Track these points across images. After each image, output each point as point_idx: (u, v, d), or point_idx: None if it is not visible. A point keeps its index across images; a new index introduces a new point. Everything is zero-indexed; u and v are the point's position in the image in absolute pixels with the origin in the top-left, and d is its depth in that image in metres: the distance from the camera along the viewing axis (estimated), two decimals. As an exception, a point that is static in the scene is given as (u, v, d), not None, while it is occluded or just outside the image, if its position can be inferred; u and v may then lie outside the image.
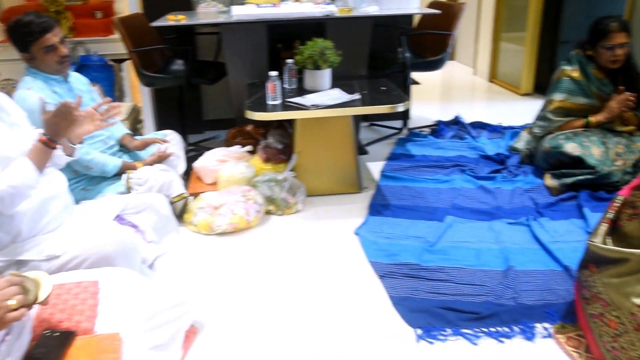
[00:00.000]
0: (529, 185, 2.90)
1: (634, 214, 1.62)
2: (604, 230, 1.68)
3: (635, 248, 1.57)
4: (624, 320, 1.51)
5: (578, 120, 2.98)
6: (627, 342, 1.49)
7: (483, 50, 5.85)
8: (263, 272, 2.20)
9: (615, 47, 2.84)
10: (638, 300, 1.49)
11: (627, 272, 1.55)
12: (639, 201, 1.61)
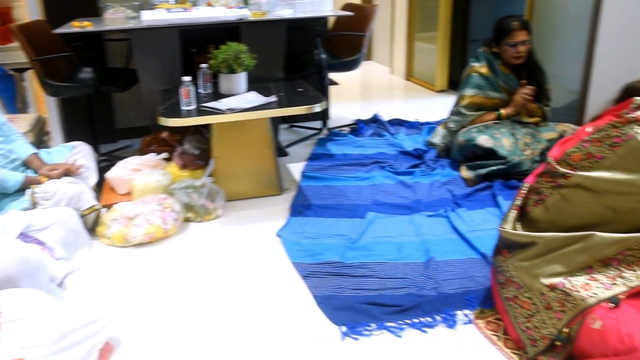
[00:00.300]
0: (446, 178, 2.99)
1: (539, 199, 1.70)
2: (513, 216, 1.75)
3: (542, 232, 1.65)
4: (535, 300, 1.58)
5: (490, 114, 3.11)
6: (539, 321, 1.56)
7: (399, 50, 6.00)
8: (183, 281, 2.14)
9: (517, 44, 3.00)
10: (546, 280, 1.57)
11: (535, 255, 1.62)
12: (543, 187, 1.69)
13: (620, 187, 1.53)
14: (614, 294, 1.47)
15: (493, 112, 3.11)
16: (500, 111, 3.10)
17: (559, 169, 1.65)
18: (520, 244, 1.68)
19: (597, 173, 1.58)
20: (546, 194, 1.68)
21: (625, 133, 1.56)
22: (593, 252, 1.54)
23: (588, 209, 1.59)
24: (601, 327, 1.43)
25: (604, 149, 1.59)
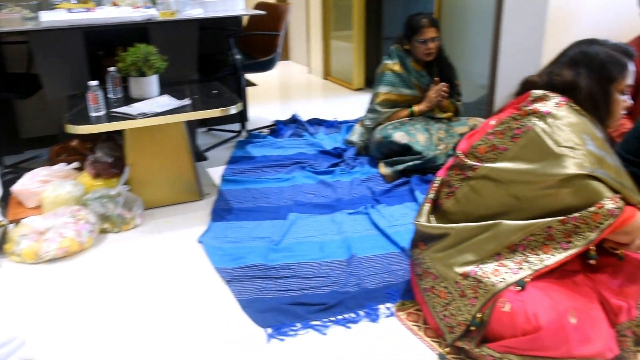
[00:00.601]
0: (365, 175, 3.08)
1: (450, 192, 1.79)
2: (426, 209, 1.84)
3: (454, 223, 1.75)
4: (450, 289, 1.68)
5: (403, 111, 3.23)
6: (455, 309, 1.65)
7: (315, 49, 6.08)
8: (103, 295, 2.09)
9: (427, 41, 3.13)
10: (460, 269, 1.67)
11: (449, 245, 1.72)
12: (453, 180, 1.79)
13: (523, 177, 1.65)
14: (520, 278, 1.59)
15: (406, 109, 3.23)
16: (413, 108, 3.22)
17: (466, 161, 1.75)
18: (435, 235, 1.77)
19: (501, 164, 1.69)
20: (456, 186, 1.78)
21: (525, 125, 1.68)
22: (500, 239, 1.65)
23: (495, 198, 1.69)
24: (510, 309, 1.54)
25: (506, 140, 1.70)
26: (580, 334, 1.51)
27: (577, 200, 1.59)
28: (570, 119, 1.65)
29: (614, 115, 1.75)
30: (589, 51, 1.72)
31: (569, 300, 1.57)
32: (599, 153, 1.62)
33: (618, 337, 1.61)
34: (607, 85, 1.71)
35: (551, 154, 1.61)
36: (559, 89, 1.72)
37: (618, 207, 1.55)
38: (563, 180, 1.58)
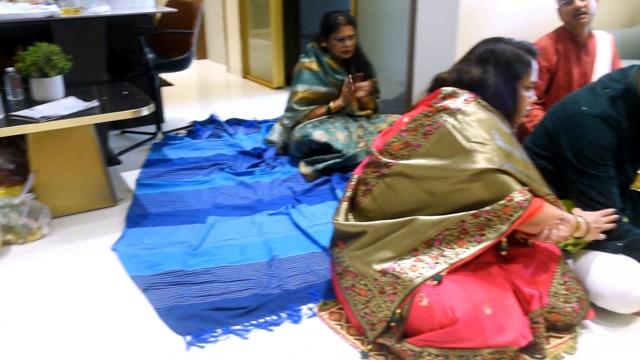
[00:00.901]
0: (286, 175, 3.07)
1: (367, 189, 1.82)
2: (344, 208, 1.86)
3: (372, 220, 1.77)
4: (370, 287, 1.70)
5: (321, 108, 3.26)
6: (375, 306, 1.68)
7: (233, 47, 6.02)
8: (10, 311, 1.96)
9: (344, 38, 3.17)
10: (378, 266, 1.69)
11: (367, 243, 1.74)
12: (369, 178, 1.82)
13: (436, 172, 1.69)
14: (437, 272, 1.63)
15: (324, 106, 3.25)
16: (330, 104, 3.25)
17: (381, 159, 1.78)
18: (353, 234, 1.79)
19: (415, 160, 1.73)
20: (372, 183, 1.80)
21: (436, 121, 1.73)
22: (417, 235, 1.69)
23: (410, 194, 1.73)
24: (427, 303, 1.58)
25: (419, 137, 1.74)
26: (495, 324, 1.56)
27: (488, 194, 1.65)
28: (479, 115, 1.71)
29: (520, 111, 1.83)
30: (495, 49, 1.79)
31: (483, 292, 1.63)
32: (507, 148, 1.70)
33: (531, 324, 1.68)
34: (513, 82, 1.78)
35: (462, 150, 1.67)
36: (467, 85, 1.78)
37: (526, 199, 1.62)
38: (474, 175, 1.64)
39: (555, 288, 1.77)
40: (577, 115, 1.93)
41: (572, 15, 2.88)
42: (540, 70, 3.00)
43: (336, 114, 3.28)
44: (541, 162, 2.06)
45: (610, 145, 1.89)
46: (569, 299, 1.77)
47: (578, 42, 2.99)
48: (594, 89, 1.98)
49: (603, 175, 1.90)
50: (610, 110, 1.90)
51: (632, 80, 1.92)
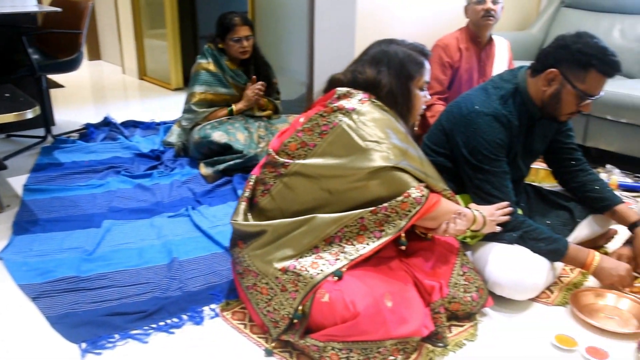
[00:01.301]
0: (185, 177, 3.03)
1: (265, 189, 1.83)
2: (243, 208, 1.85)
3: (271, 220, 1.79)
4: (272, 285, 1.71)
5: (222, 110, 3.24)
6: (278, 304, 1.69)
7: (128, 48, 5.83)
8: None
9: (241, 39, 3.17)
10: (279, 264, 1.71)
11: (267, 242, 1.75)
12: (267, 178, 1.83)
13: (333, 171, 1.73)
14: (337, 268, 1.67)
15: (225, 108, 3.24)
16: (232, 107, 3.24)
17: (278, 159, 1.80)
18: (252, 233, 1.79)
19: (311, 160, 1.76)
20: (271, 183, 1.82)
21: (332, 121, 1.77)
22: (316, 232, 1.72)
23: (308, 193, 1.76)
24: (329, 299, 1.61)
25: (315, 137, 1.78)
26: (397, 316, 1.62)
27: (385, 191, 1.71)
28: (374, 114, 1.77)
29: (414, 110, 1.90)
30: (388, 50, 1.85)
31: (384, 285, 1.68)
32: (403, 146, 1.76)
33: (432, 314, 1.76)
34: (406, 82, 1.84)
35: (358, 149, 1.72)
36: (362, 86, 1.83)
37: (423, 195, 1.70)
38: (371, 173, 1.69)
39: (455, 279, 1.86)
40: (470, 113, 2.04)
41: (481, 15, 3.05)
42: (444, 66, 3.16)
43: (236, 115, 3.27)
44: (439, 159, 2.17)
45: (502, 142, 2.01)
46: (468, 289, 1.86)
47: (480, 44, 3.17)
48: (485, 89, 2.10)
49: (497, 170, 2.02)
50: (501, 108, 2.02)
51: (521, 80, 2.06)
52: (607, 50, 1.89)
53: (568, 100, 1.97)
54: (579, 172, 2.30)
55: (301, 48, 3.97)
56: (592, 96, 1.95)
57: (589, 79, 1.91)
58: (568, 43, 1.93)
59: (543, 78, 1.98)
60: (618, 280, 1.98)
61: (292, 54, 4.27)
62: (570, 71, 1.93)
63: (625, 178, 3.24)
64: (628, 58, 3.71)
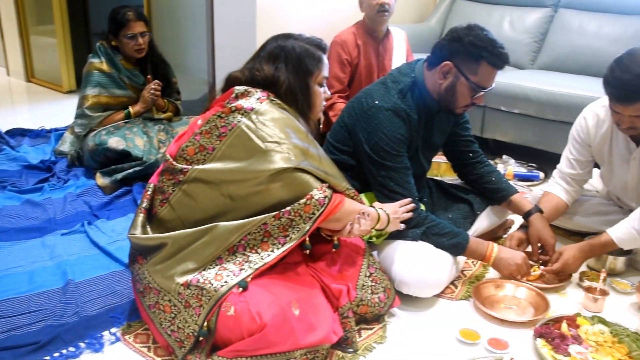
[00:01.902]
0: (80, 189, 2.88)
1: (164, 198, 1.77)
2: (141, 220, 1.79)
3: (172, 231, 1.73)
4: (175, 302, 1.66)
5: (118, 114, 3.10)
6: (182, 322, 1.64)
7: (12, 46, 5.46)
8: None
9: (136, 35, 3.03)
10: (181, 279, 1.66)
11: (167, 255, 1.70)
12: (165, 186, 1.77)
13: (233, 175, 1.70)
14: (242, 278, 1.64)
15: (121, 112, 3.10)
16: (129, 109, 3.11)
17: (176, 165, 1.75)
18: (152, 247, 1.73)
19: (211, 165, 1.72)
20: (169, 192, 1.76)
21: (230, 123, 1.73)
22: (219, 242, 1.68)
23: (209, 200, 1.72)
24: (234, 312, 1.58)
25: (213, 140, 1.73)
26: (305, 324, 1.61)
27: (288, 194, 1.69)
28: (273, 114, 1.75)
29: (314, 107, 1.89)
30: (285, 46, 1.83)
31: (291, 293, 1.68)
32: (304, 145, 1.76)
33: (341, 319, 1.76)
34: (305, 78, 1.83)
35: (258, 150, 1.69)
36: (260, 84, 1.81)
37: (326, 196, 1.70)
38: (272, 175, 1.68)
39: (363, 281, 1.88)
40: (371, 109, 2.06)
41: (375, 10, 3.09)
42: (342, 63, 3.18)
43: (134, 118, 3.14)
44: (342, 157, 2.18)
45: (402, 137, 2.05)
46: (376, 290, 1.89)
47: (377, 38, 3.22)
48: (385, 83, 2.13)
49: (399, 166, 2.06)
50: (400, 103, 2.05)
51: (418, 74, 2.11)
52: (496, 43, 1.97)
53: (463, 93, 2.03)
54: (477, 164, 2.40)
55: (201, 45, 3.88)
56: (485, 88, 2.02)
57: (481, 71, 1.98)
58: (460, 36, 1.99)
59: (439, 71, 2.03)
60: (516, 269, 2.08)
61: (192, 51, 4.16)
62: (463, 63, 1.99)
63: (520, 168, 3.42)
64: (518, 49, 3.91)
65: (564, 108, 3.15)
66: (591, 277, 2.18)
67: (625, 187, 2.30)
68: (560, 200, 2.35)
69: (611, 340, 1.80)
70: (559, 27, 3.86)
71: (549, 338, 1.80)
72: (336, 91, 3.15)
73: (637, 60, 1.90)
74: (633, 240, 2.11)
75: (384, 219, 1.92)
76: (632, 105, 1.92)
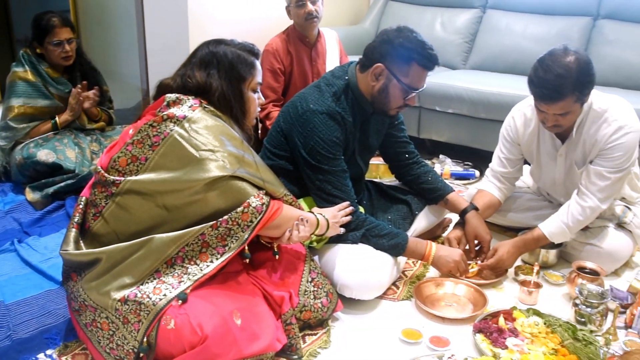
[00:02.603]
0: (9, 205, 2.79)
1: (97, 212, 1.73)
2: (73, 235, 1.74)
3: (107, 246, 1.69)
4: (112, 318, 1.63)
5: (45, 124, 3.00)
6: (121, 338, 1.61)
7: None
8: None
9: (62, 42, 2.94)
10: (117, 294, 1.62)
11: (102, 271, 1.66)
12: (98, 199, 1.73)
13: (167, 186, 1.68)
14: (181, 291, 1.63)
15: (48, 122, 3.00)
16: (55, 119, 3.01)
17: (108, 177, 1.71)
18: (86, 263, 1.69)
19: (144, 175, 1.69)
20: (102, 205, 1.72)
21: (162, 131, 1.71)
22: (156, 255, 1.66)
23: (144, 212, 1.69)
24: (175, 325, 1.57)
25: (146, 150, 1.71)
26: (247, 333, 1.62)
27: (225, 203, 1.69)
28: (206, 121, 1.73)
29: (248, 113, 1.89)
30: (217, 52, 1.82)
31: (232, 302, 1.67)
32: (239, 153, 1.75)
33: (284, 326, 1.78)
34: (238, 84, 1.83)
35: (193, 159, 1.68)
36: (193, 91, 1.79)
37: (264, 203, 1.71)
38: (208, 184, 1.67)
39: (305, 286, 1.90)
40: (306, 113, 2.08)
41: (304, 18, 3.11)
42: (275, 72, 3.19)
43: (64, 129, 3.04)
44: (280, 162, 2.19)
45: (338, 140, 2.08)
46: (318, 295, 1.91)
47: (308, 43, 3.24)
48: (319, 86, 2.15)
49: (336, 169, 2.09)
50: (335, 106, 2.08)
51: (351, 76, 2.14)
52: (425, 44, 2.03)
53: (395, 94, 2.08)
54: (413, 165, 2.46)
55: (133, 50, 3.81)
56: (416, 89, 2.08)
57: (412, 73, 2.04)
58: (391, 38, 2.03)
59: (371, 73, 2.07)
60: (454, 266, 2.15)
61: (123, 57, 4.08)
62: (394, 65, 2.04)
63: (457, 167, 3.53)
64: (450, 50, 4.04)
65: (495, 107, 3.27)
66: (526, 271, 2.28)
67: (553, 183, 2.42)
68: (493, 197, 2.44)
69: (545, 330, 1.89)
70: (488, 28, 4.01)
71: (487, 332, 1.87)
72: (271, 101, 3.16)
73: (558, 60, 2.00)
74: (563, 233, 2.22)
75: (323, 224, 1.94)
76: (555, 103, 2.02)
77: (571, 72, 1.98)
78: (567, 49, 2.04)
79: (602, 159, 2.16)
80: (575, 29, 3.68)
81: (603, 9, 3.67)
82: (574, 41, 3.62)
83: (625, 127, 2.11)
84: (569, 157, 2.28)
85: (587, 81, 2.02)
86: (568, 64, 1.99)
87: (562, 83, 1.98)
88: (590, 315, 1.94)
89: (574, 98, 2.02)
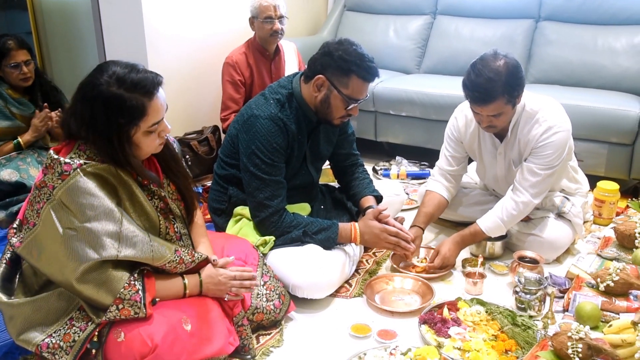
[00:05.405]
0: (-26, 226, 2.76)
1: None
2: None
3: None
4: None
5: (7, 144, 2.97)
6: None
7: None
8: None
9: (19, 64, 2.93)
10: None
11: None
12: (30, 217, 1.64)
13: (48, 270, 1.61)
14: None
15: (10, 142, 2.99)
16: (18, 139, 3.00)
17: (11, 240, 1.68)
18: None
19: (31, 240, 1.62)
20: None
21: (41, 200, 1.60)
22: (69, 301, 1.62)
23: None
24: (124, 337, 1.55)
25: (34, 215, 1.62)
26: (198, 338, 1.62)
27: (101, 295, 1.58)
28: (77, 197, 1.55)
29: (139, 157, 1.69)
30: (95, 98, 1.56)
31: (182, 309, 1.66)
32: (114, 229, 1.57)
33: (236, 328, 1.78)
34: (120, 134, 1.59)
35: (62, 245, 1.56)
36: (75, 138, 1.64)
37: (137, 290, 1.59)
38: (78, 281, 1.55)
39: (257, 290, 1.90)
40: (250, 118, 2.10)
41: (268, 34, 3.16)
42: (236, 84, 3.23)
43: (27, 148, 3.03)
44: (231, 170, 2.21)
45: (279, 146, 2.09)
46: (271, 297, 1.93)
47: (268, 57, 3.28)
48: (264, 94, 2.18)
49: (272, 179, 2.09)
50: (277, 112, 2.10)
51: (296, 86, 2.17)
52: (364, 57, 2.05)
53: (336, 105, 2.11)
54: (353, 170, 2.50)
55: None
56: (357, 100, 2.10)
57: (352, 84, 2.06)
58: (331, 50, 2.06)
59: (313, 84, 2.09)
60: (383, 238, 2.16)
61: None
62: (335, 77, 2.06)
63: (413, 167, 3.59)
64: (404, 55, 4.10)
65: (445, 108, 3.32)
66: (472, 263, 2.33)
67: (496, 179, 2.48)
68: (441, 197, 2.49)
69: (486, 318, 1.94)
70: (438, 33, 4.07)
71: (432, 323, 1.92)
72: (233, 112, 3.19)
73: (488, 65, 2.07)
74: (498, 228, 2.29)
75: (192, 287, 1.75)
76: (487, 105, 2.09)
77: (500, 76, 2.05)
78: (497, 53, 2.11)
79: (534, 156, 2.23)
80: (519, 30, 3.77)
81: (544, 11, 3.76)
82: (518, 42, 3.72)
83: (554, 127, 2.19)
84: (507, 155, 2.35)
85: (517, 84, 2.09)
86: (497, 68, 2.06)
87: (493, 86, 2.05)
88: (529, 301, 2.00)
89: (505, 100, 2.08)
